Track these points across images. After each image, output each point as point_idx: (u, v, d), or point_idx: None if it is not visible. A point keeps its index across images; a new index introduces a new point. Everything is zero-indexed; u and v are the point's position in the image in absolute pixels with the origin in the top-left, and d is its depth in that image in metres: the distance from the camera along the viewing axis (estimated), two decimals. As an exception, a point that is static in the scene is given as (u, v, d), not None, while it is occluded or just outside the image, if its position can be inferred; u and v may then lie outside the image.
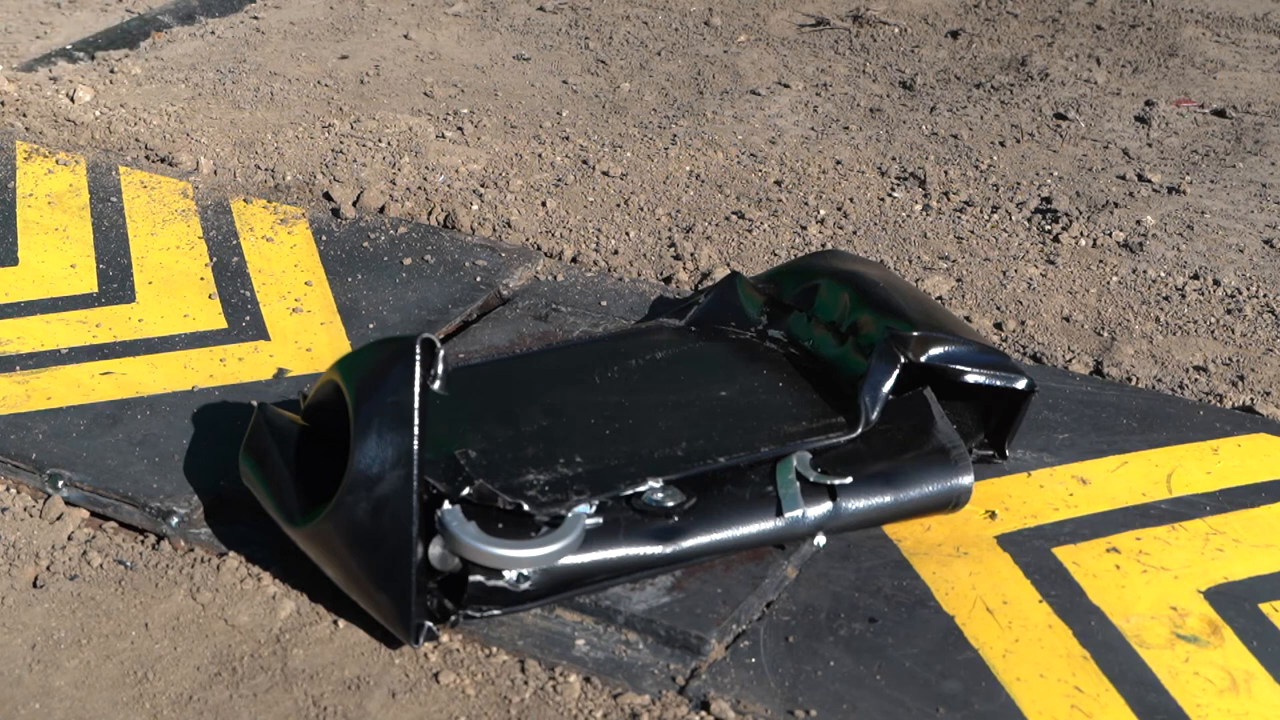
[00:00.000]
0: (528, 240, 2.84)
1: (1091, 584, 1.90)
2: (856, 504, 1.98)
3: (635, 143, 3.28)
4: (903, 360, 2.07)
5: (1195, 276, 2.64)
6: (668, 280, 2.69)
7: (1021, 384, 2.09)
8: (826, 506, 1.97)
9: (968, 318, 2.54)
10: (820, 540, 1.97)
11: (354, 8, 4.13)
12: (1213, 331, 2.49)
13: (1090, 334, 2.49)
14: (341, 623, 1.88)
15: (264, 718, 1.75)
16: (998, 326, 2.51)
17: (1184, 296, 2.58)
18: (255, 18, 4.04)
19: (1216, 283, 2.62)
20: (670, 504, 1.94)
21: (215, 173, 3.09)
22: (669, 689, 1.77)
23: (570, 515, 1.88)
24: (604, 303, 2.57)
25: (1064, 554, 1.95)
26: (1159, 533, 1.99)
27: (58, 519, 2.06)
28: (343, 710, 1.76)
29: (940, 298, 2.60)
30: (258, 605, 1.90)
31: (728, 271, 2.63)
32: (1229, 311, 2.54)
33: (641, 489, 1.96)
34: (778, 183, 3.08)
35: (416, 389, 1.88)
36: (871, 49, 3.81)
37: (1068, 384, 2.32)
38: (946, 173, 3.08)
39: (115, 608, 1.92)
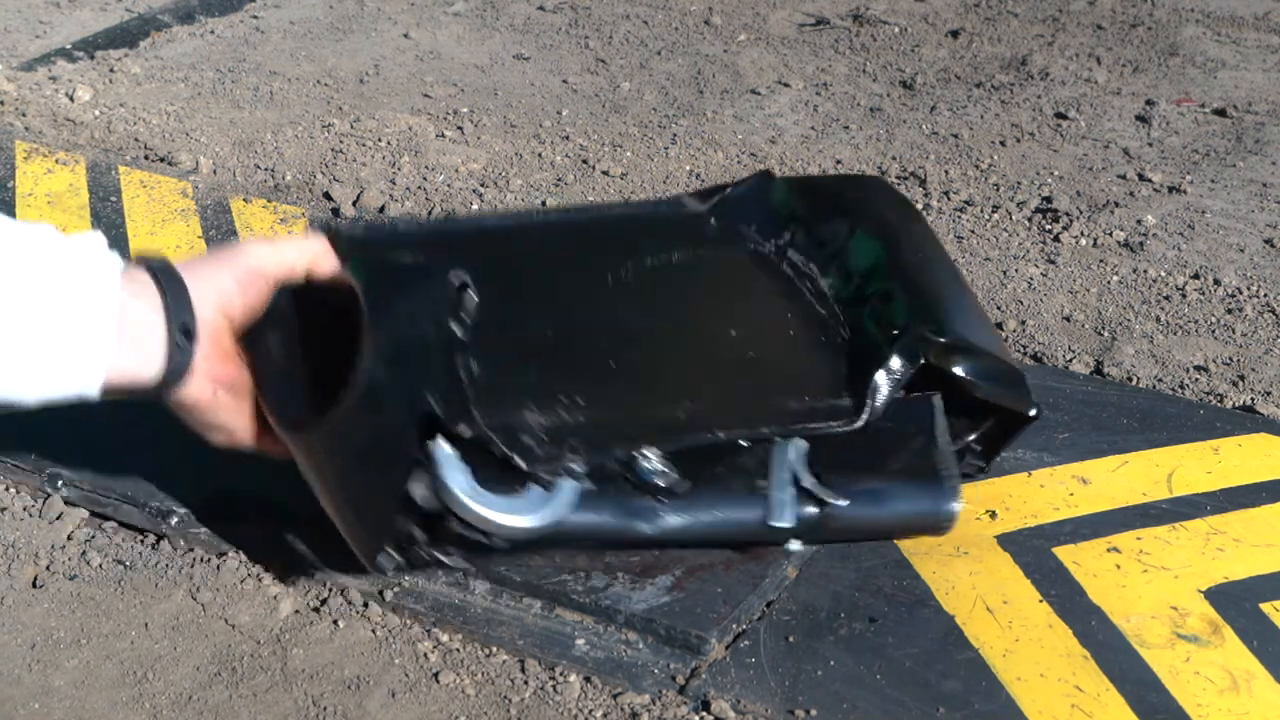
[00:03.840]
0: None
1: (1092, 583, 1.90)
2: (841, 521, 1.92)
3: (635, 142, 3.28)
4: (923, 363, 1.97)
5: (1196, 276, 2.64)
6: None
7: (1030, 411, 2.01)
8: (811, 519, 1.90)
9: (969, 317, 2.54)
10: (795, 546, 1.93)
11: (354, 7, 4.14)
12: (1213, 331, 2.49)
13: (1091, 333, 2.49)
14: (341, 623, 1.88)
15: (264, 717, 1.75)
16: (998, 326, 2.51)
17: (1184, 296, 2.59)
18: (255, 17, 4.04)
19: (1217, 282, 2.62)
20: (663, 484, 1.85)
21: (215, 172, 3.09)
22: (669, 688, 1.78)
23: (566, 486, 1.79)
24: (604, 302, 2.57)
25: (1064, 554, 1.95)
26: (1159, 532, 1.99)
27: (57, 519, 2.06)
28: (343, 710, 1.76)
29: (941, 297, 2.60)
30: (258, 605, 1.91)
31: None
32: (1229, 311, 2.54)
33: (637, 457, 1.86)
34: (778, 182, 3.07)
35: (443, 328, 1.83)
36: (872, 48, 3.81)
37: (1068, 384, 2.32)
38: (947, 172, 3.08)
39: (115, 608, 1.92)
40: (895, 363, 1.95)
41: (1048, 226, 2.82)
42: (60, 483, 2.12)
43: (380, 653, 1.84)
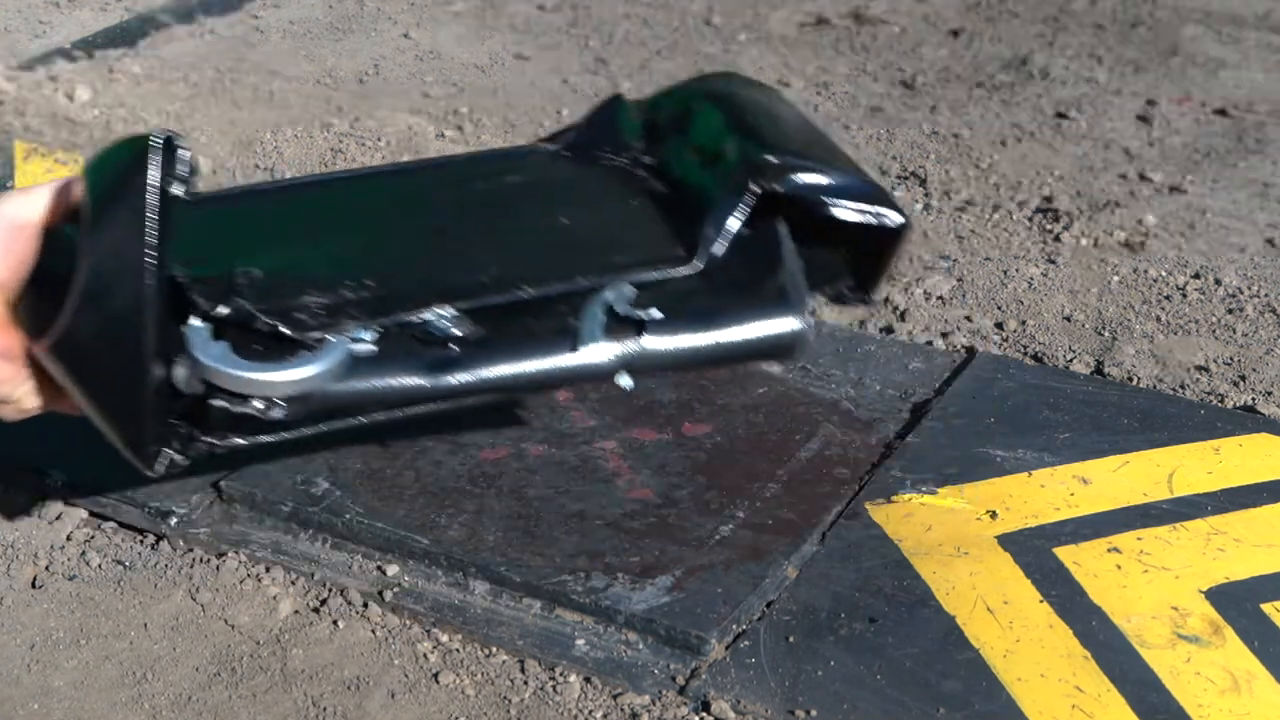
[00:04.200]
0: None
1: (1092, 584, 1.90)
2: (667, 342, 1.73)
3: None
4: (757, 189, 1.81)
5: (1196, 276, 2.64)
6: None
7: (895, 220, 1.85)
8: (633, 343, 1.72)
9: (968, 318, 2.54)
10: (626, 381, 1.72)
11: (353, 7, 4.13)
12: (1214, 331, 2.49)
13: (1091, 333, 2.49)
14: (341, 623, 1.88)
15: (264, 718, 1.75)
16: (998, 326, 2.51)
17: (1185, 296, 2.59)
18: (255, 17, 4.03)
19: (1218, 282, 2.62)
20: (455, 333, 1.69)
21: (214, 172, 3.09)
22: (669, 689, 1.78)
23: (335, 342, 1.66)
24: (604, 302, 2.56)
25: (1065, 554, 1.95)
26: (1160, 532, 1.99)
27: (56, 519, 2.06)
28: (342, 710, 1.76)
29: (941, 297, 2.60)
30: (257, 605, 1.91)
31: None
32: (1230, 311, 2.54)
33: (428, 316, 1.71)
34: (778, 182, 3.07)
35: (150, 189, 1.64)
36: (872, 48, 3.81)
37: (1069, 384, 2.32)
38: (947, 172, 3.08)
39: (114, 608, 1.92)
40: (728, 196, 1.82)
41: (1048, 226, 2.82)
42: (59, 482, 2.12)
43: (380, 653, 1.84)
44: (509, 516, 2.03)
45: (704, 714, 1.74)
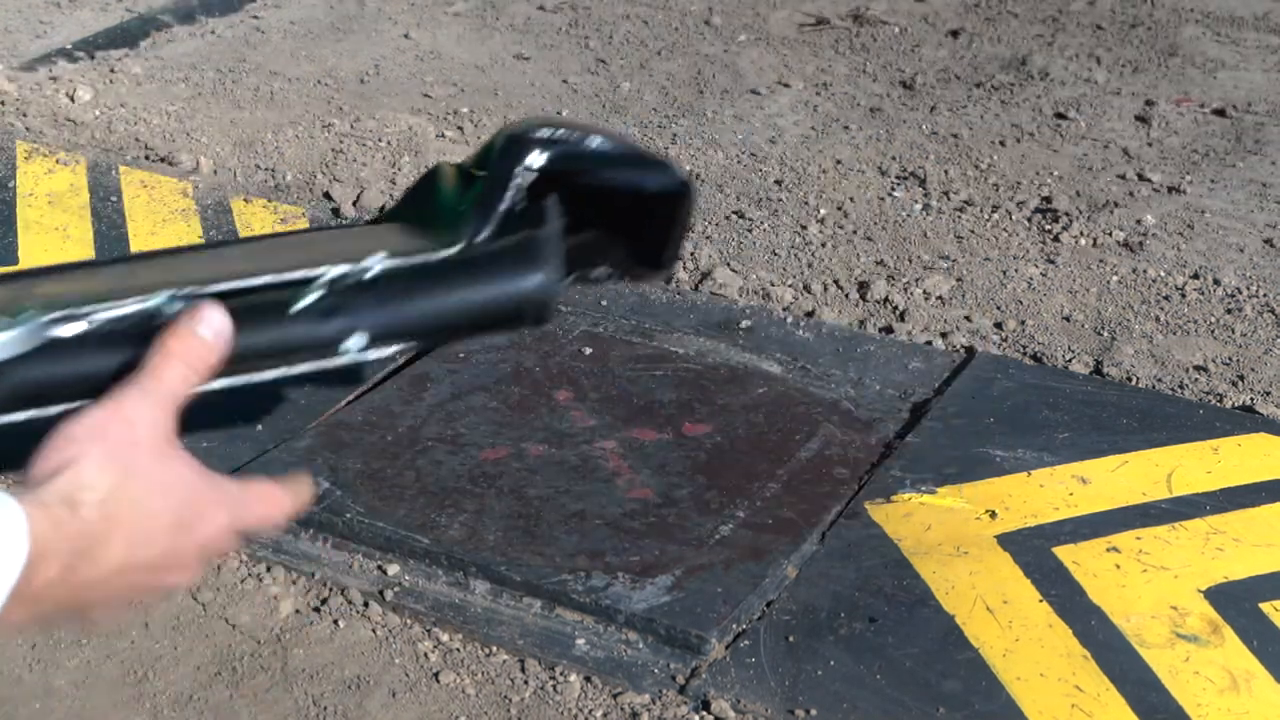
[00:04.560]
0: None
1: (1092, 583, 1.91)
2: (397, 302, 1.69)
3: (635, 142, 3.28)
4: (518, 168, 1.81)
5: (1195, 276, 2.65)
6: (668, 280, 2.69)
7: (675, 180, 1.84)
8: (354, 304, 1.69)
9: (968, 317, 2.54)
10: (356, 342, 1.66)
11: (354, 7, 4.14)
12: (1213, 331, 2.49)
13: (1090, 333, 2.49)
14: (342, 623, 1.88)
15: (264, 717, 1.75)
16: (998, 326, 2.51)
17: (1184, 296, 2.59)
18: (255, 17, 4.04)
19: (1216, 282, 2.62)
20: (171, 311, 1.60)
21: (215, 172, 3.09)
22: (669, 688, 1.78)
23: (28, 321, 1.60)
24: (604, 302, 2.57)
25: (1064, 553, 1.95)
26: (1159, 532, 1.99)
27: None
28: (343, 710, 1.76)
29: (940, 297, 2.61)
30: (258, 605, 1.91)
31: (726, 271, 2.64)
32: (1229, 311, 2.54)
33: (150, 301, 1.65)
34: (778, 182, 3.08)
35: None
36: (872, 48, 3.81)
37: (1068, 384, 2.32)
38: (946, 172, 3.08)
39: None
40: (490, 182, 1.76)
41: (1047, 226, 2.82)
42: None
43: (380, 653, 1.84)
44: (509, 516, 2.03)
45: (704, 713, 1.74)
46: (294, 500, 1.51)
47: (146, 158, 3.16)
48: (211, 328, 1.38)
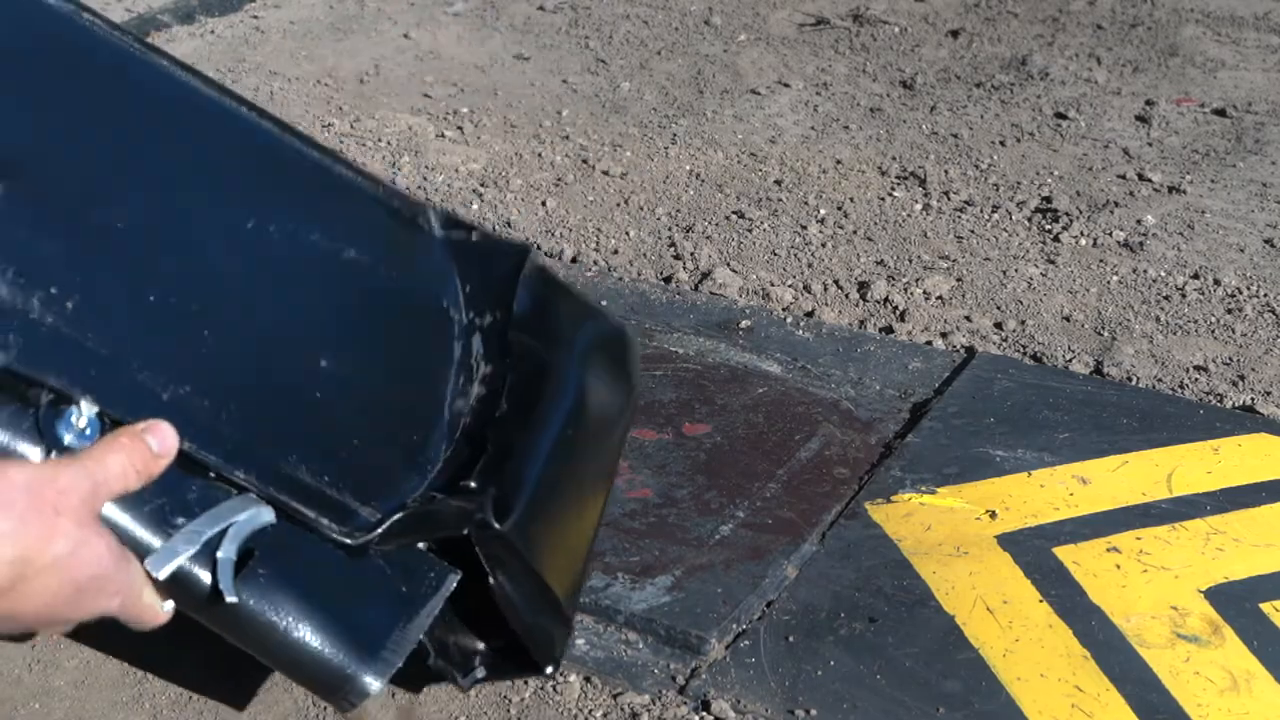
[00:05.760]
0: (528, 240, 2.84)
1: (1092, 583, 1.90)
2: (228, 617, 1.53)
3: (635, 142, 3.28)
4: (483, 526, 1.57)
5: (1195, 276, 2.64)
6: (668, 280, 2.69)
7: (546, 667, 1.59)
8: (196, 591, 1.51)
9: (968, 317, 2.54)
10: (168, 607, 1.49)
11: (354, 7, 4.13)
12: (1213, 331, 2.49)
13: (1090, 333, 2.49)
14: (341, 622, 1.88)
15: (264, 717, 1.75)
16: (998, 326, 2.51)
17: (1184, 296, 2.59)
18: (255, 17, 4.04)
19: (1217, 282, 2.62)
20: (67, 441, 1.44)
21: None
22: (669, 688, 1.77)
23: None
24: (604, 302, 2.57)
25: (1064, 553, 1.95)
26: (1159, 532, 1.99)
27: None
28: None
29: (940, 297, 2.60)
30: (257, 605, 1.90)
31: (726, 271, 2.64)
32: (1229, 311, 2.54)
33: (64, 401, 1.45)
34: (778, 182, 3.08)
35: None
36: (871, 48, 3.81)
37: (1068, 384, 2.32)
38: (947, 172, 3.08)
39: (115, 607, 1.92)
40: (435, 516, 1.58)
41: (1047, 226, 2.82)
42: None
43: (380, 653, 1.84)
44: (509, 516, 2.02)
45: (704, 713, 1.73)
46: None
47: (146, 158, 3.15)
48: (162, 443, 1.41)
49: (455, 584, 1.55)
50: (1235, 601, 1.87)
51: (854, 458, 2.16)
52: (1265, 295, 2.58)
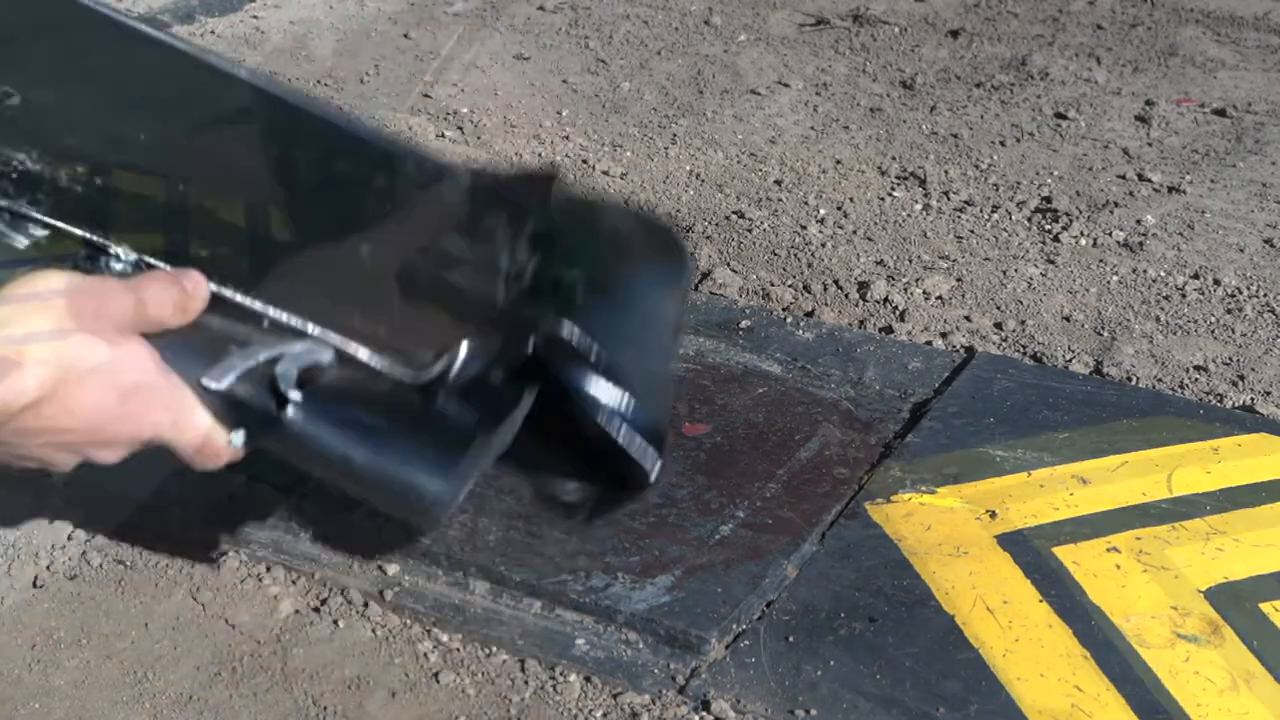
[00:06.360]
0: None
1: (1091, 583, 1.90)
2: (299, 436, 1.54)
3: (635, 142, 3.28)
4: (530, 350, 1.60)
5: (1195, 276, 2.64)
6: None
7: (649, 472, 1.65)
8: (262, 409, 1.53)
9: (968, 317, 2.54)
10: (238, 440, 1.52)
11: (354, 7, 4.13)
12: (1213, 331, 2.49)
13: (1090, 333, 2.49)
14: (341, 623, 1.88)
15: (264, 717, 1.75)
16: (998, 326, 2.51)
17: (1184, 296, 2.59)
18: (255, 17, 4.03)
19: (1217, 282, 2.62)
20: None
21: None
22: (669, 688, 1.78)
23: None
24: (604, 302, 2.56)
25: (1064, 553, 1.95)
26: (1159, 532, 1.99)
27: (57, 519, 2.06)
28: (343, 710, 1.76)
29: (940, 297, 2.60)
30: (258, 605, 1.91)
31: (726, 271, 2.64)
32: (1229, 311, 2.54)
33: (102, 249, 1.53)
34: (778, 182, 3.08)
35: None
36: (871, 48, 3.81)
37: (1068, 384, 2.32)
38: (947, 172, 3.08)
39: (115, 607, 1.92)
40: (504, 331, 1.60)
41: (1047, 226, 2.82)
42: (61, 483, 2.12)
43: (380, 653, 1.84)
44: (509, 516, 2.02)
45: (704, 713, 1.73)
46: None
47: (146, 158, 3.15)
48: (195, 285, 1.46)
49: (530, 400, 1.59)
50: (1235, 602, 1.87)
51: (854, 458, 2.16)
52: (1265, 295, 2.58)
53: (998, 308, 2.56)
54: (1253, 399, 2.29)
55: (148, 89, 1.72)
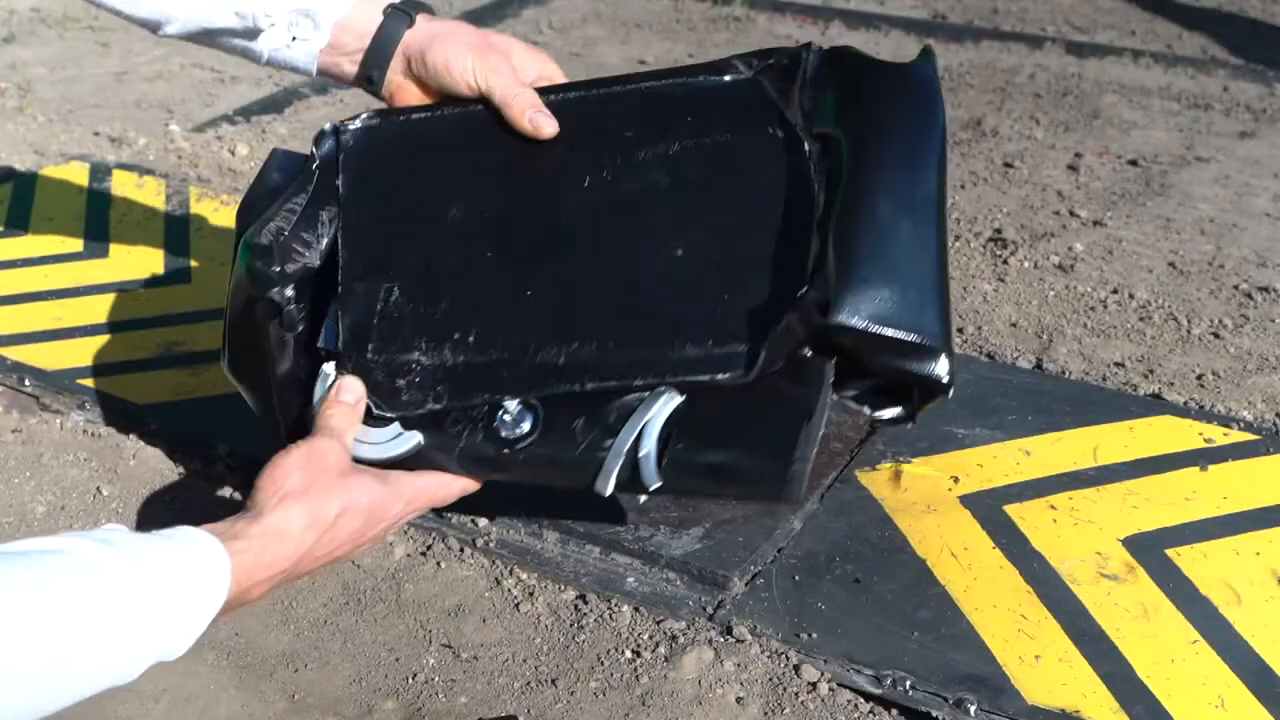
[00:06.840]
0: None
1: (1034, 534, 1.89)
2: (665, 476, 1.49)
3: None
4: (818, 325, 1.44)
5: (1115, 291, 2.62)
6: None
7: (940, 383, 1.46)
8: (636, 477, 1.49)
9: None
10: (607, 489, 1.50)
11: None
12: (1128, 335, 2.47)
13: (1032, 337, 2.47)
14: (443, 564, 1.88)
15: (383, 637, 1.75)
16: (959, 331, 2.49)
17: (1106, 307, 2.57)
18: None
19: (1131, 296, 2.60)
20: (512, 435, 1.51)
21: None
22: (700, 616, 1.77)
23: (410, 437, 1.51)
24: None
25: (1013, 510, 1.94)
26: (1087, 493, 1.97)
27: (220, 486, 2.06)
28: (444, 631, 1.76)
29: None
30: (377, 550, 1.91)
31: None
32: (1141, 319, 2.52)
33: (499, 410, 1.50)
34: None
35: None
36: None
37: (1015, 376, 2.31)
38: (917, 210, 3.05)
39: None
40: (792, 324, 1.45)
41: (998, 252, 2.80)
42: (224, 454, 2.11)
43: (473, 587, 1.84)
44: (575, 480, 2.01)
45: (728, 636, 1.73)
46: (459, 485, 1.59)
47: (290, 199, 3.16)
48: (354, 394, 1.51)
49: (832, 372, 1.47)
50: (1146, 548, 1.86)
51: (847, 435, 2.15)
52: (1169, 306, 2.56)
53: (959, 316, 2.55)
54: (1159, 389, 2.28)
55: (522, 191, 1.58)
